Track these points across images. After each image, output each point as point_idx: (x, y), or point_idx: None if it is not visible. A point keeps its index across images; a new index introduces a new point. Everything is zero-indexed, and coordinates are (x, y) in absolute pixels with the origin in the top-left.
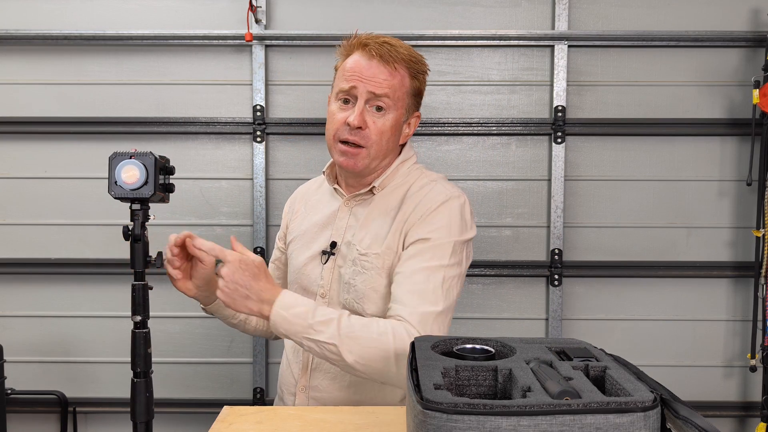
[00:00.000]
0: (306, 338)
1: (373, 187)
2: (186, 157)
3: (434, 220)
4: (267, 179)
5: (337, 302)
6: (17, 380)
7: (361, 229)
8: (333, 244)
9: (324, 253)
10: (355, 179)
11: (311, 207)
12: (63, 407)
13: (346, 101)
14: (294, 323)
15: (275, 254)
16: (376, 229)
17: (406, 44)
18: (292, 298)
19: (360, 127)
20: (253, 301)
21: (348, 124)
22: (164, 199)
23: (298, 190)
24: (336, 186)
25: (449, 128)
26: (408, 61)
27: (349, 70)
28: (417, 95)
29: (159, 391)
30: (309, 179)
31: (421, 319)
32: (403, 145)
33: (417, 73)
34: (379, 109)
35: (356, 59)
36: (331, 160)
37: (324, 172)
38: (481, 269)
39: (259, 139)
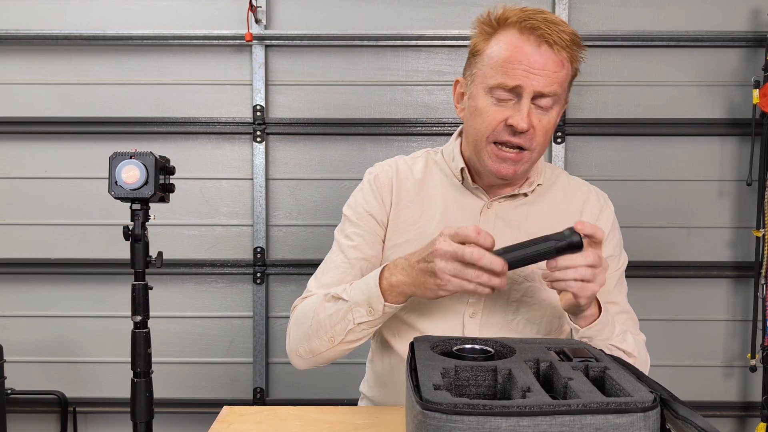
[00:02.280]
0: (611, 345)
1: (535, 186)
2: (186, 157)
3: (616, 236)
4: (267, 179)
5: (494, 324)
6: (17, 380)
7: (525, 238)
8: None
9: None
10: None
11: (427, 204)
12: (63, 407)
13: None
14: (606, 331)
15: (361, 252)
16: None
17: (560, 17)
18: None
19: (527, 130)
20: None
21: (511, 126)
22: (164, 199)
23: (386, 175)
24: (477, 186)
25: (450, 128)
26: (573, 45)
27: (511, 59)
28: (572, 80)
29: (159, 391)
30: (308, 179)
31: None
32: None
33: (578, 57)
34: (542, 105)
35: (517, 44)
36: (443, 149)
37: (459, 169)
38: None
39: (259, 139)
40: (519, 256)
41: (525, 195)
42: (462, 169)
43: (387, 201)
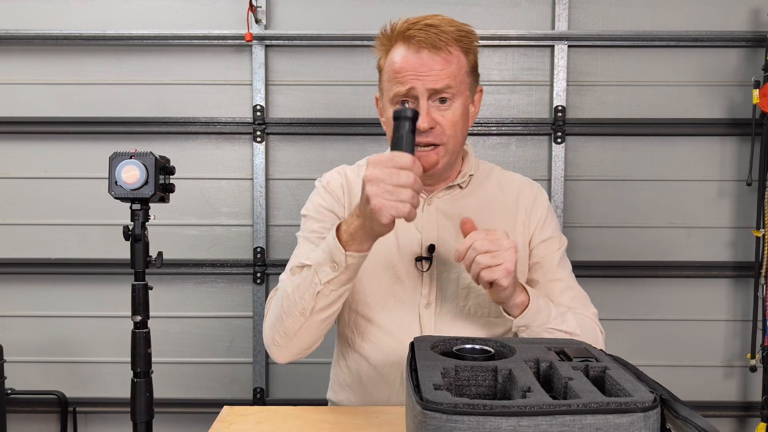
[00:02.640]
0: (551, 329)
1: (468, 177)
2: (186, 157)
3: (553, 220)
4: (267, 179)
5: (447, 312)
6: (17, 380)
7: None
8: (431, 248)
9: (420, 259)
10: (432, 177)
11: None
12: (63, 407)
13: (403, 103)
14: (541, 317)
15: None
16: (491, 227)
17: (447, 17)
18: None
19: (431, 127)
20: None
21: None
22: (164, 199)
23: (337, 181)
24: None
25: None
26: (458, 39)
27: (399, 69)
28: (474, 69)
29: (159, 391)
30: (308, 179)
31: (597, 319)
32: None
33: (470, 47)
34: (443, 100)
35: (403, 55)
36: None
37: None
38: None
39: (259, 139)
40: (406, 145)
41: (460, 187)
42: None
43: (341, 202)
